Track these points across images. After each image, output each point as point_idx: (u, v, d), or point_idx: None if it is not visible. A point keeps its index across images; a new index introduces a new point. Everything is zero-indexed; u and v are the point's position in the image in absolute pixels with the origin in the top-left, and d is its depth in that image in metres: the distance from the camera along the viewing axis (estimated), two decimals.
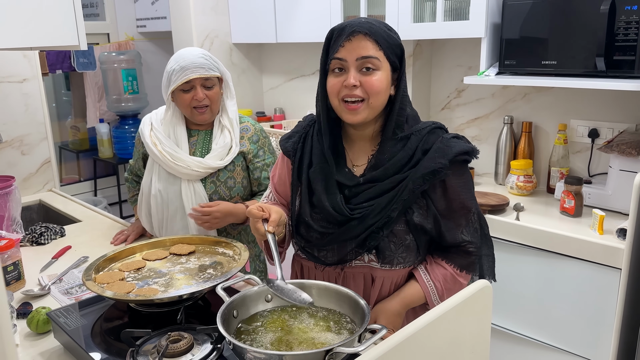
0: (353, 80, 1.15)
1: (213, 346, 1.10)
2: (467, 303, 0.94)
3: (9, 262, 1.57)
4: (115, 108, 3.93)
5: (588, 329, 1.79)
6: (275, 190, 1.41)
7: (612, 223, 1.81)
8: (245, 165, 1.80)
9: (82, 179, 4.19)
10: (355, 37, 1.15)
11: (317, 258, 1.27)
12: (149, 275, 1.36)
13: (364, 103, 1.17)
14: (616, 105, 2.10)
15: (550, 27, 1.93)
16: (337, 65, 1.18)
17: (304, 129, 1.35)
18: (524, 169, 2.21)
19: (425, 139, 1.21)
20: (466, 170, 1.24)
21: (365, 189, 1.21)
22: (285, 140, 1.37)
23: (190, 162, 1.71)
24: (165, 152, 1.72)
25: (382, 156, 1.22)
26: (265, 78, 3.42)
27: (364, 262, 1.25)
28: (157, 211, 1.78)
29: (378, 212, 1.18)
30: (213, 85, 1.71)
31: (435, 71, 2.64)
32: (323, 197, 1.23)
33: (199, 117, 1.73)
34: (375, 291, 1.26)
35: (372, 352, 0.79)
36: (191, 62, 1.65)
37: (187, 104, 1.70)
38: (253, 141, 1.80)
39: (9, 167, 2.54)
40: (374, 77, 1.16)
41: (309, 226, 1.26)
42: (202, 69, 1.66)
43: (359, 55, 1.15)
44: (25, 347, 1.28)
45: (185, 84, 1.67)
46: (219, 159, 1.73)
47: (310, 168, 1.28)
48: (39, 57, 2.62)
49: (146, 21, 4.00)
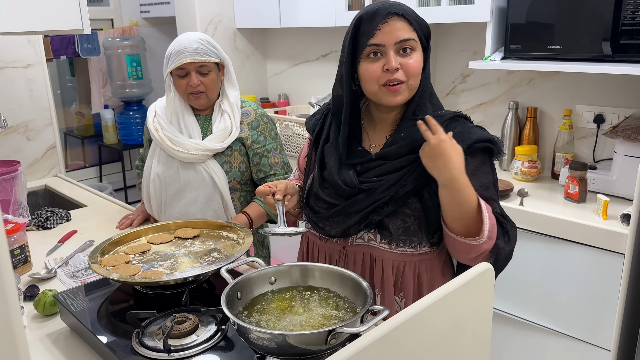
0: (395, 64, 1.15)
1: (217, 327, 1.11)
2: (468, 285, 0.95)
3: (16, 246, 1.58)
4: (120, 94, 3.93)
5: (591, 314, 1.80)
6: (300, 170, 1.48)
7: (616, 208, 1.81)
8: (244, 151, 1.80)
9: (87, 165, 4.21)
10: (391, 19, 1.15)
11: (322, 229, 1.30)
12: (154, 258, 1.37)
13: (404, 84, 1.18)
14: (622, 90, 2.09)
15: (557, 11, 1.91)
16: (372, 50, 1.17)
17: (327, 106, 1.37)
18: (528, 155, 2.20)
19: (447, 124, 1.20)
20: (486, 160, 1.20)
21: (376, 165, 1.22)
22: (309, 118, 1.42)
23: (189, 145, 1.71)
24: (165, 136, 1.74)
25: (398, 135, 1.23)
26: (269, 64, 3.40)
27: (364, 241, 1.26)
28: (155, 195, 1.80)
29: (386, 187, 1.18)
30: (209, 71, 1.70)
31: (440, 56, 2.62)
32: (334, 170, 1.25)
33: (194, 102, 1.74)
34: (378, 274, 1.27)
35: (373, 333, 0.80)
36: (186, 46, 1.65)
37: (182, 89, 1.71)
38: (252, 127, 1.79)
39: (14, 152, 2.56)
40: (412, 59, 1.17)
41: (318, 197, 1.29)
42: (196, 54, 1.65)
43: (398, 39, 1.15)
44: (32, 328, 1.30)
45: (180, 70, 1.67)
46: (219, 142, 1.73)
47: (326, 143, 1.31)
48: (43, 42, 2.62)
49: (150, 6, 3.98)
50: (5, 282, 0.48)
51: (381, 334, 0.80)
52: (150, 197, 1.83)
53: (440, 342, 0.93)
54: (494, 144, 1.20)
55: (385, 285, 1.27)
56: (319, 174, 1.30)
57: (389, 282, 1.26)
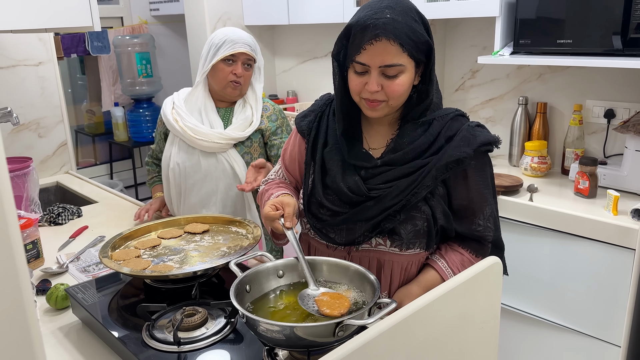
0: (375, 87, 1.13)
1: (227, 320, 1.12)
2: (477, 279, 0.95)
3: (28, 241, 1.60)
4: (130, 92, 3.96)
5: (601, 310, 1.79)
6: (285, 168, 1.41)
7: (626, 204, 1.79)
8: (263, 142, 1.86)
9: (98, 163, 4.24)
10: (378, 41, 1.09)
11: (327, 236, 1.27)
12: (164, 252, 1.38)
13: (384, 103, 1.16)
14: (633, 85, 2.07)
15: (566, 5, 1.90)
16: (357, 65, 1.14)
17: (320, 107, 1.33)
18: (538, 150, 2.19)
19: (449, 125, 1.20)
20: (488, 161, 1.23)
21: (382, 171, 1.20)
22: (300, 118, 1.35)
23: (211, 134, 1.76)
24: (187, 127, 1.77)
25: (401, 140, 1.21)
26: (277, 60, 3.41)
27: (371, 246, 1.24)
28: (174, 184, 1.83)
29: (396, 194, 1.17)
30: (251, 65, 1.80)
31: (449, 51, 2.62)
32: (338, 177, 1.22)
33: (231, 92, 1.78)
34: (387, 278, 1.25)
35: (380, 325, 0.80)
36: (240, 37, 1.74)
37: (225, 76, 1.75)
38: (272, 120, 1.86)
39: (26, 149, 2.59)
40: (396, 82, 1.13)
41: (321, 205, 1.25)
42: (249, 47, 1.75)
43: (383, 63, 1.11)
44: (44, 322, 1.32)
45: (231, 56, 1.73)
46: (240, 130, 1.78)
47: (325, 147, 1.27)
48: (54, 41, 2.65)
49: (159, 4, 4.00)
50: (20, 277, 0.49)
51: (388, 326, 0.80)
52: (170, 187, 1.85)
53: (448, 335, 0.93)
54: (495, 144, 1.20)
55: (392, 287, 1.26)
56: (320, 180, 1.26)
57: (396, 283, 1.26)
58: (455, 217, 1.23)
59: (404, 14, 1.11)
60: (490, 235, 1.25)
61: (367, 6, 1.14)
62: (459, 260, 1.24)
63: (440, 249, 1.27)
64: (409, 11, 1.13)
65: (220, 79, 1.77)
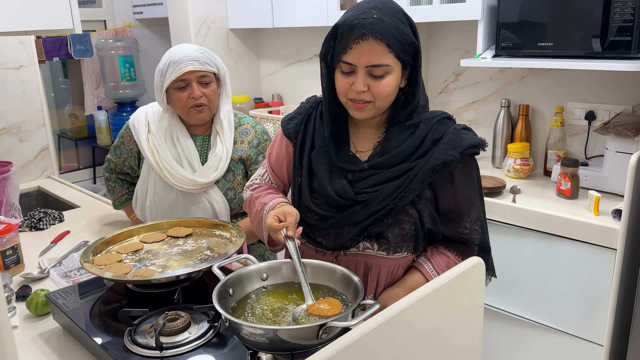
0: (362, 87, 1.13)
1: (210, 324, 1.11)
2: (459, 279, 0.95)
3: (8, 247, 1.58)
4: (113, 95, 3.93)
5: (584, 310, 1.81)
6: (272, 171, 1.38)
7: (607, 204, 1.82)
8: (245, 172, 1.74)
9: (81, 167, 4.20)
10: (365, 40, 1.09)
11: (314, 240, 1.26)
12: (147, 257, 1.37)
13: (371, 104, 1.16)
14: (613, 87, 2.10)
15: (547, 9, 1.92)
16: (344, 65, 1.14)
17: (306, 110, 1.32)
18: (520, 152, 2.21)
19: (435, 128, 1.20)
20: (474, 164, 1.23)
21: (369, 174, 1.20)
22: (287, 121, 1.34)
23: (185, 179, 1.64)
24: (163, 166, 1.65)
25: (388, 143, 1.20)
26: (262, 64, 3.41)
27: (359, 250, 1.23)
28: (151, 220, 1.72)
29: (383, 198, 1.17)
30: (210, 82, 1.61)
31: (432, 55, 2.63)
32: (325, 181, 1.21)
33: (196, 117, 1.62)
34: (373, 281, 1.25)
35: (364, 326, 0.80)
36: (185, 55, 1.56)
37: (183, 103, 1.60)
38: (253, 145, 1.72)
39: (7, 153, 2.55)
40: (383, 82, 1.13)
41: (308, 209, 1.24)
42: (197, 62, 1.56)
43: (369, 63, 1.10)
44: (24, 328, 1.29)
45: (180, 82, 1.57)
46: (214, 170, 1.66)
47: (312, 151, 1.26)
48: (35, 44, 2.62)
49: (143, 7, 3.97)
50: None
51: (372, 327, 0.80)
52: (146, 221, 1.73)
53: (431, 336, 0.93)
54: (481, 147, 1.20)
55: (379, 290, 1.26)
56: (307, 184, 1.26)
57: (382, 286, 1.26)
58: (442, 220, 1.23)
59: (391, 15, 1.11)
60: (477, 238, 1.25)
61: (355, 7, 1.15)
62: (444, 263, 1.24)
63: (426, 251, 1.27)
64: (396, 13, 1.13)
65: (180, 108, 1.62)
